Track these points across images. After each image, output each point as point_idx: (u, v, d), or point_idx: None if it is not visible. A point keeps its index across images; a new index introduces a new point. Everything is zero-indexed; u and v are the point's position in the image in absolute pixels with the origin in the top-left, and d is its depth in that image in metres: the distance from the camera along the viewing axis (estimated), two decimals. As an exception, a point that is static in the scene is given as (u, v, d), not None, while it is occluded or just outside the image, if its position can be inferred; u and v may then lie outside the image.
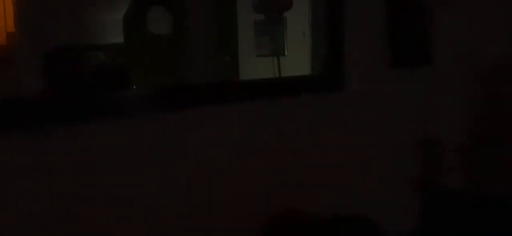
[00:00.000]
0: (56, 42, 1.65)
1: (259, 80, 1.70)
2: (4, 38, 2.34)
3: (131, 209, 1.22)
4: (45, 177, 1.09)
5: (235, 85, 1.43)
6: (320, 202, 1.63)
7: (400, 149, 2.00)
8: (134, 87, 1.50)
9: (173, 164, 1.28)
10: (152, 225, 1.27)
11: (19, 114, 1.04)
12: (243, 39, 2.07)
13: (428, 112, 2.13)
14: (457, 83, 2.24)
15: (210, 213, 1.35)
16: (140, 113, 1.22)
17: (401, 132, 2.00)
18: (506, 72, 2.33)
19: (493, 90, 2.35)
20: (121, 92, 1.28)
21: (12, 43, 2.23)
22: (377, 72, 1.92)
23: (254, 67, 2.03)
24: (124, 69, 1.57)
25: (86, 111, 1.14)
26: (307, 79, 1.75)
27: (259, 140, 1.48)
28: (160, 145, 1.26)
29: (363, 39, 1.85)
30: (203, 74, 1.84)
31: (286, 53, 2.23)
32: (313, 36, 1.87)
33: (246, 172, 1.43)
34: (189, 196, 1.32)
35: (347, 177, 1.78)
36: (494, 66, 2.33)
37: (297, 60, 2.10)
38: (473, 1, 2.28)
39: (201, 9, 1.92)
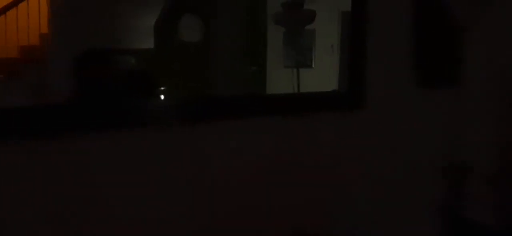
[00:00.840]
0: (88, 45, 1.67)
1: (278, 95, 1.69)
2: (38, 38, 2.39)
3: (154, 222, 1.22)
4: (70, 184, 1.10)
5: (256, 99, 1.43)
6: (337, 223, 1.61)
7: (423, 173, 1.96)
8: (162, 94, 1.51)
9: (191, 176, 1.28)
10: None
11: (44, 120, 1.05)
12: (272, 49, 2.06)
13: (455, 136, 2.08)
14: (487, 106, 2.19)
15: (229, 227, 1.35)
16: (163, 123, 1.23)
17: (426, 155, 1.96)
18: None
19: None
20: (146, 101, 1.29)
21: (45, 44, 2.28)
22: (402, 91, 1.89)
23: (281, 78, 2.02)
24: (153, 75, 1.58)
25: (111, 119, 1.15)
26: (328, 95, 1.73)
27: (277, 156, 1.47)
28: (181, 156, 1.26)
29: (388, 57, 1.84)
30: (230, 83, 1.84)
31: (313, 66, 2.22)
32: (341, 49, 1.86)
33: (263, 189, 1.43)
34: (208, 209, 1.32)
35: (366, 199, 1.76)
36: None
37: (324, 74, 2.08)
38: (506, 22, 2.24)
39: (231, 18, 1.93)
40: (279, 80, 2.11)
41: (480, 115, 2.17)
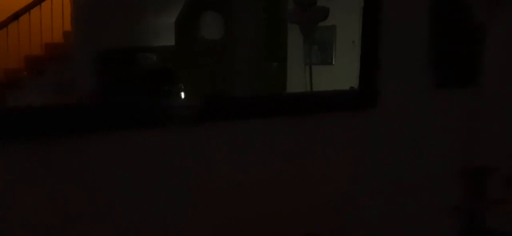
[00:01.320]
0: (109, 43, 1.69)
1: (287, 95, 1.66)
2: (61, 36, 2.43)
3: (172, 223, 1.22)
4: (96, 182, 1.11)
5: (265, 99, 1.41)
6: (350, 227, 1.58)
7: (440, 177, 1.89)
8: (182, 92, 1.52)
9: (205, 176, 1.27)
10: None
11: (64, 119, 1.05)
12: (292, 46, 2.05)
13: (473, 137, 2.00)
14: (507, 106, 2.11)
15: (243, 228, 1.34)
16: (180, 122, 1.22)
17: (442, 157, 1.90)
18: None
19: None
20: (165, 100, 1.29)
21: (68, 42, 2.32)
22: (418, 91, 1.83)
23: (302, 76, 2.00)
24: (173, 73, 1.58)
25: (131, 118, 1.15)
26: (339, 94, 1.67)
27: (287, 157, 1.45)
28: (197, 155, 1.26)
29: (404, 55, 1.78)
30: (250, 81, 1.84)
31: (333, 62, 2.19)
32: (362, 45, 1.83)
33: (275, 191, 1.41)
34: (222, 210, 1.32)
35: (380, 203, 1.71)
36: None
37: (345, 70, 2.06)
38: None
39: (251, 15, 1.92)
40: (300, 78, 2.10)
41: (500, 115, 2.09)
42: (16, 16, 2.61)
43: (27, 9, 2.59)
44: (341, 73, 2.06)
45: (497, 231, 1.91)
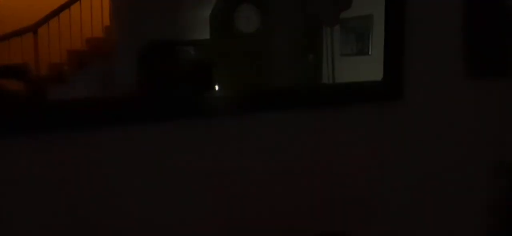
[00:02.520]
0: (147, 37, 1.72)
1: (308, 86, 1.63)
2: (101, 31, 2.50)
3: (212, 210, 1.25)
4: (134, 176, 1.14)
5: (290, 91, 1.40)
6: (375, 225, 1.55)
7: (472, 172, 1.81)
8: (218, 85, 1.53)
9: (239, 168, 1.28)
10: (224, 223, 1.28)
11: (102, 112, 1.08)
12: (328, 37, 2.03)
13: (508, 131, 1.92)
14: None
15: (272, 219, 1.35)
16: (219, 114, 1.24)
17: (475, 152, 1.82)
18: None
19: None
20: (203, 93, 1.30)
21: (108, 36, 2.38)
22: (448, 81, 1.75)
23: (338, 66, 1.98)
24: (209, 66, 1.60)
25: (168, 111, 1.17)
26: (363, 85, 1.63)
27: (309, 151, 1.43)
28: (230, 148, 1.26)
29: (433, 43, 1.72)
30: (285, 73, 1.84)
31: (370, 53, 2.16)
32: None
33: (297, 185, 1.40)
34: (256, 200, 1.32)
35: (407, 200, 1.67)
36: None
37: (381, 60, 2.02)
38: None
39: (287, 6, 1.91)
40: (336, 69, 2.07)
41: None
42: (56, 12, 2.69)
43: (67, 5, 2.66)
44: (378, 64, 2.03)
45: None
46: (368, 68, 2.05)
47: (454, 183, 1.78)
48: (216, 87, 1.48)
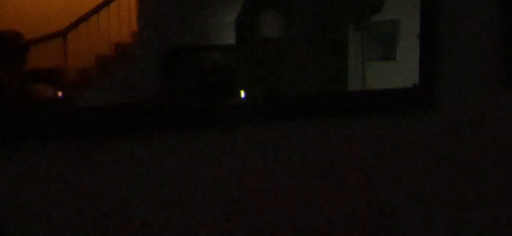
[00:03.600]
0: (173, 42, 1.74)
1: (338, 93, 1.59)
2: (128, 36, 2.54)
3: (233, 218, 1.24)
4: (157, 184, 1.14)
5: (316, 98, 1.37)
6: None
7: (510, 185, 1.72)
8: (242, 91, 1.53)
9: (263, 176, 1.27)
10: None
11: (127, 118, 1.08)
12: (354, 42, 2.01)
13: None
14: None
15: (296, 228, 1.33)
16: (244, 122, 1.23)
17: None
18: None
19: None
20: (227, 99, 1.30)
21: (135, 41, 2.42)
22: (485, 89, 1.66)
23: (364, 71, 1.96)
24: (235, 71, 1.61)
25: (192, 118, 1.17)
26: (393, 92, 1.57)
27: (337, 160, 1.39)
28: (251, 156, 1.25)
29: (470, 49, 1.64)
30: (310, 79, 1.82)
31: (397, 58, 2.13)
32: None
33: (327, 193, 1.37)
34: (278, 209, 1.31)
35: (437, 214, 1.60)
36: None
37: (408, 66, 1.99)
38: None
39: (312, 10, 1.90)
40: (360, 75, 2.05)
41: None
42: (86, 17, 2.75)
43: (95, 10, 2.72)
44: (405, 69, 2.00)
45: None
46: (395, 73, 2.02)
47: (490, 197, 1.70)
48: (241, 93, 1.48)
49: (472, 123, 1.64)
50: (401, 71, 2.03)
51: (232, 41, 1.83)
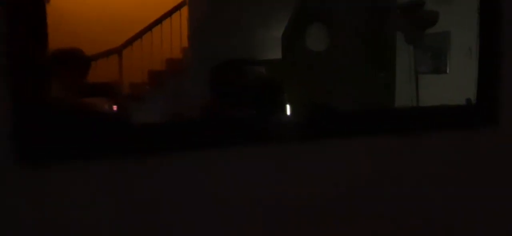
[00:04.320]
0: (222, 57, 1.79)
1: (389, 109, 1.52)
2: (179, 52, 2.64)
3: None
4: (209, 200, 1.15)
5: (365, 114, 1.32)
6: None
7: None
8: (288, 106, 1.54)
9: (305, 193, 1.24)
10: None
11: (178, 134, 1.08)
12: (401, 55, 1.98)
13: None
14: None
15: None
16: (289, 138, 1.21)
17: None
18: None
19: None
20: (272, 115, 1.30)
21: (185, 57, 2.51)
22: None
23: (412, 86, 1.92)
24: (281, 86, 1.62)
25: (240, 132, 1.17)
26: (449, 109, 1.48)
27: (386, 180, 1.34)
28: (296, 173, 1.22)
29: None
30: (357, 93, 1.81)
31: (447, 71, 2.07)
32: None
33: (372, 214, 1.31)
34: (318, 230, 1.27)
35: None
36: None
37: (461, 80, 1.93)
38: None
39: (359, 23, 1.90)
40: (409, 89, 2.01)
41: None
42: (140, 34, 2.88)
43: (149, 28, 2.85)
44: (456, 84, 1.94)
45: None
46: (446, 87, 1.96)
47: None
48: (288, 108, 1.50)
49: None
50: (452, 85, 1.98)
51: (278, 55, 1.86)
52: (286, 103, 1.49)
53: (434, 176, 1.42)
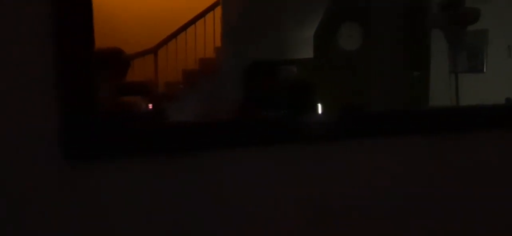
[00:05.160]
0: (254, 57, 1.81)
1: (428, 109, 1.50)
2: (212, 52, 2.69)
3: None
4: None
5: (401, 115, 1.30)
6: None
7: None
8: (320, 106, 1.54)
9: (337, 195, 1.23)
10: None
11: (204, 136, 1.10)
12: (436, 53, 1.95)
13: None
14: None
15: None
16: (320, 138, 1.21)
17: None
18: None
19: None
20: (303, 114, 1.31)
21: (218, 57, 2.55)
22: None
23: (448, 85, 1.89)
24: (312, 85, 1.63)
25: (271, 132, 1.18)
26: (492, 108, 1.43)
27: (425, 183, 1.31)
28: (328, 174, 1.22)
29: None
30: (390, 92, 1.80)
31: (484, 70, 2.03)
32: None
33: (407, 219, 1.29)
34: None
35: None
36: None
37: (499, 78, 1.89)
38: None
39: (392, 22, 1.88)
40: (445, 88, 1.98)
41: None
42: (174, 34, 2.94)
43: (183, 28, 2.90)
44: (494, 82, 1.89)
45: None
46: (482, 86, 1.92)
47: None
48: (319, 107, 1.50)
49: None
50: (491, 84, 1.93)
51: (309, 54, 1.86)
52: (317, 102, 1.50)
53: (472, 177, 1.39)
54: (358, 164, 1.28)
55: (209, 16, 2.78)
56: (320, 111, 1.49)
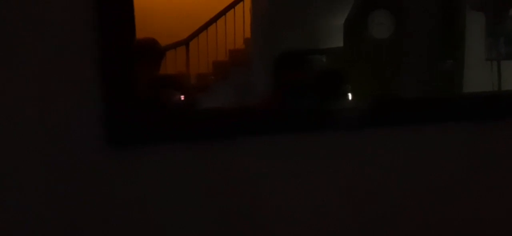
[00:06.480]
0: (284, 47, 1.81)
1: (469, 94, 1.46)
2: (243, 43, 2.70)
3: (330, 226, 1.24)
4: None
5: (442, 101, 1.28)
6: None
7: None
8: (350, 92, 1.53)
9: (370, 183, 1.22)
10: None
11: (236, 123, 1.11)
12: (471, 40, 1.90)
13: None
14: None
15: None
16: (351, 126, 1.20)
17: None
18: None
19: None
20: (334, 103, 1.30)
21: (247, 48, 2.57)
22: None
23: (484, 72, 1.84)
24: (343, 75, 1.62)
25: (298, 122, 1.19)
26: None
27: (465, 170, 1.28)
28: (356, 162, 1.21)
29: None
30: (424, 78, 1.77)
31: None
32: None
33: (445, 208, 1.26)
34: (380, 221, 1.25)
35: None
36: None
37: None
38: None
39: (425, 8, 1.84)
40: (480, 75, 1.93)
41: None
42: (205, 26, 2.97)
43: (214, 19, 2.93)
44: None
45: None
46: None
47: None
48: (349, 96, 1.49)
49: None
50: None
51: (340, 43, 1.85)
52: (348, 91, 1.49)
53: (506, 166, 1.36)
54: (396, 151, 1.27)
55: (239, 7, 2.80)
56: (351, 98, 1.49)
